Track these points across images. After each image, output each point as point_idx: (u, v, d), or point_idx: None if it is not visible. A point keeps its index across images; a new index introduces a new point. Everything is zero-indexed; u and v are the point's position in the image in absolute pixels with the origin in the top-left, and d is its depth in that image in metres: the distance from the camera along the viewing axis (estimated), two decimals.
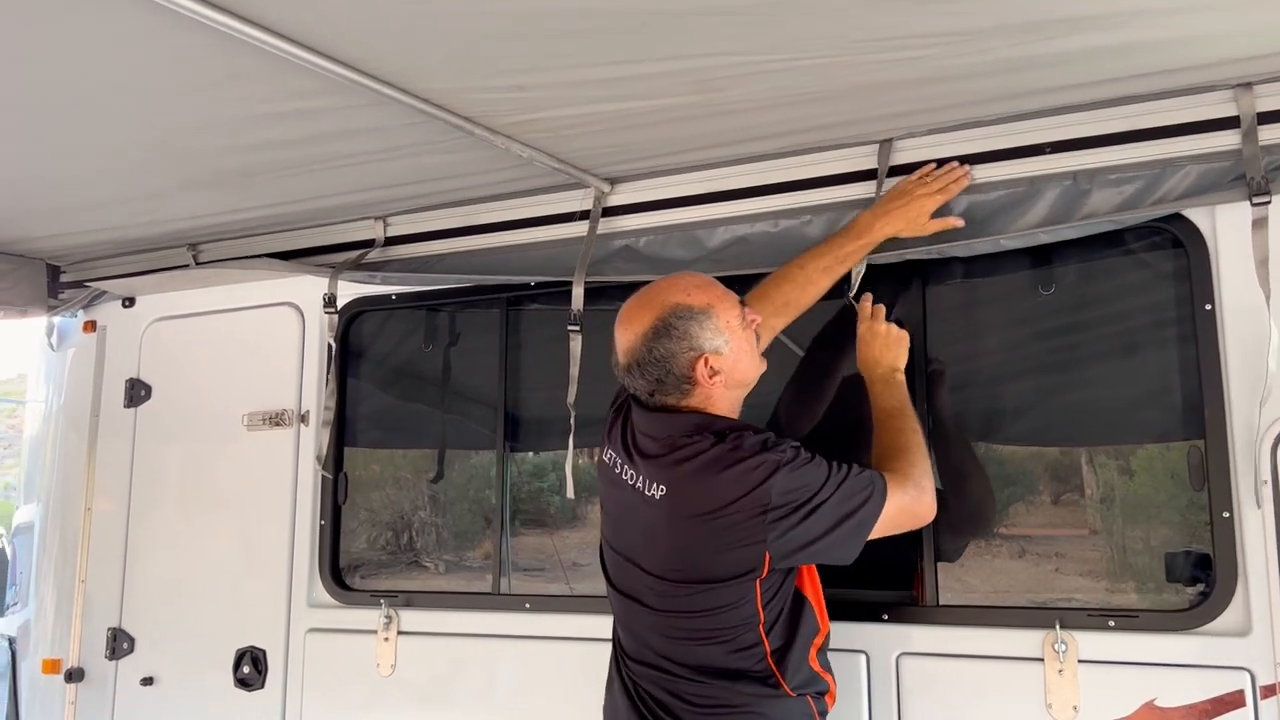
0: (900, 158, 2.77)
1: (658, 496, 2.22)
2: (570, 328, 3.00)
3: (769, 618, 2.20)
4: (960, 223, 2.63)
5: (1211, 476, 2.42)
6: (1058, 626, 2.47)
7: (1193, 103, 2.49)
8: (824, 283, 2.62)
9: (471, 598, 3.32)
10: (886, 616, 2.69)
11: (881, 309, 2.62)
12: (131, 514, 3.88)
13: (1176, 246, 2.55)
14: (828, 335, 2.87)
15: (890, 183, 2.74)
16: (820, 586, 2.34)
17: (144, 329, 3.98)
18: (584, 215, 3.13)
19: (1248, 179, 2.38)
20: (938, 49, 2.16)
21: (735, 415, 2.33)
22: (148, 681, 3.71)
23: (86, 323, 4.13)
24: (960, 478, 2.75)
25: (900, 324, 2.62)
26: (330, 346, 3.46)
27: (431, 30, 2.07)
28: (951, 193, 2.63)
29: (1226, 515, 2.39)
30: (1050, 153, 2.61)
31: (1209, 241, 2.48)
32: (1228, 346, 2.43)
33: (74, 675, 3.86)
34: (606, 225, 3.14)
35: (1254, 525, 2.35)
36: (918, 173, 2.67)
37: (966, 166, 2.64)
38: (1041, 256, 2.70)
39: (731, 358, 2.25)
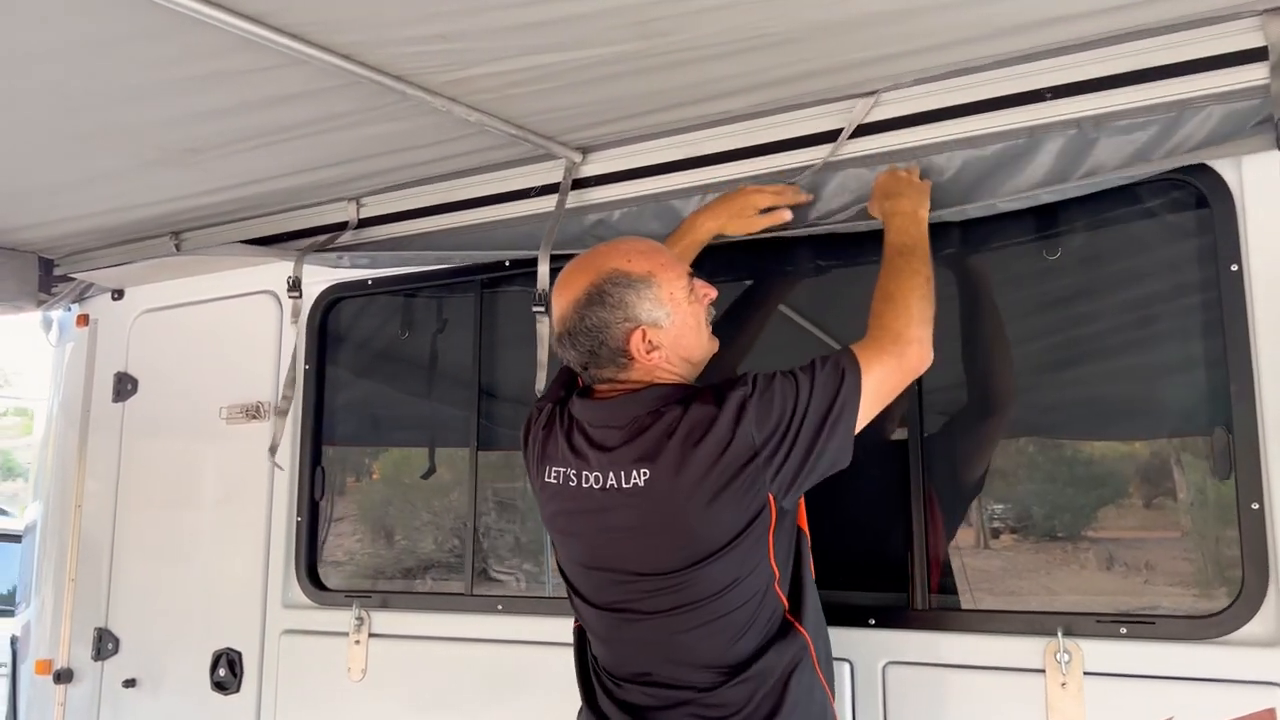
0: (884, 112, 2.50)
1: (641, 483, 1.97)
2: (535, 309, 2.78)
3: (783, 573, 2.01)
4: (789, 215, 2.50)
5: (1239, 462, 2.11)
6: (1060, 634, 2.17)
7: (1213, 33, 2.17)
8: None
9: (443, 599, 3.13)
10: (874, 621, 2.42)
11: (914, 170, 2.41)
12: (118, 512, 3.78)
13: (1201, 205, 2.23)
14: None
15: (860, 142, 2.49)
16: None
17: (132, 321, 3.88)
18: (555, 189, 2.91)
19: (1276, 121, 2.06)
20: None
21: None
22: (130, 683, 3.60)
23: (79, 316, 4.05)
24: (958, 473, 2.47)
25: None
26: (297, 333, 3.30)
27: None
28: (786, 198, 2.51)
29: (1256, 507, 2.08)
30: (1051, 98, 2.32)
31: (1235, 194, 2.16)
32: (1256, 313, 2.11)
33: (62, 676, 3.77)
34: (580, 198, 2.92)
35: None
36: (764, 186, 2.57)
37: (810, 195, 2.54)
38: (1046, 218, 2.40)
39: (673, 332, 2.04)
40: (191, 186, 3.13)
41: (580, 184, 2.92)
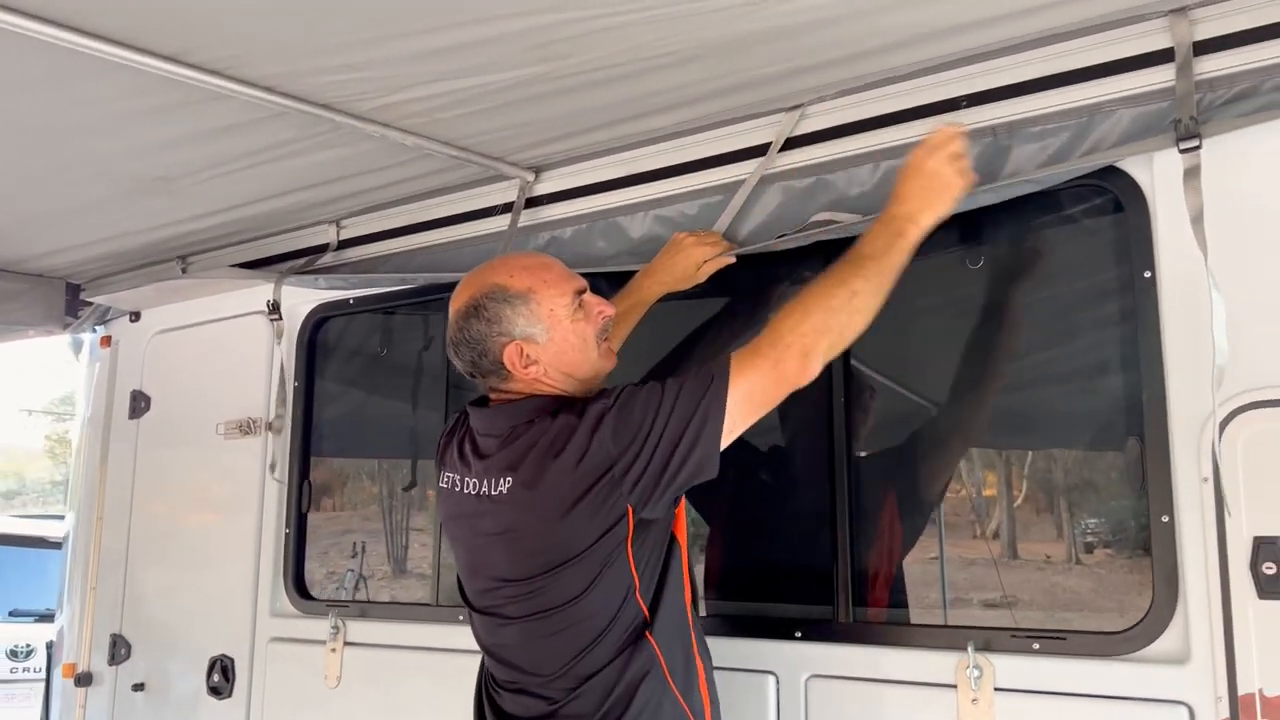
0: (811, 125, 2.50)
1: (505, 491, 2.01)
2: None
3: (646, 581, 1.98)
4: (733, 259, 2.50)
5: (1149, 474, 2.05)
6: (971, 650, 2.14)
7: (1122, 35, 2.13)
8: (626, 327, 2.55)
9: (412, 609, 3.22)
10: (799, 634, 2.41)
11: (957, 137, 2.04)
12: (133, 523, 3.96)
13: (1119, 211, 2.18)
14: None
15: (789, 155, 2.49)
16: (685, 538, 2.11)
17: (147, 342, 4.07)
18: (507, 208, 2.99)
19: (1177, 121, 2.01)
20: None
21: None
22: (139, 687, 3.77)
23: (103, 338, 4.27)
24: (889, 486, 2.46)
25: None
26: (283, 353, 3.43)
27: (233, 7, 1.97)
28: (717, 245, 2.52)
29: (1166, 520, 2.02)
30: (966, 106, 2.30)
31: (1149, 200, 2.11)
32: (1166, 321, 2.06)
33: (83, 680, 3.96)
34: (534, 216, 2.98)
35: (1193, 531, 1.97)
36: (696, 233, 2.58)
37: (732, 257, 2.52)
38: (970, 227, 2.37)
39: (552, 348, 2.06)
40: (178, 212, 3.29)
41: (535, 202, 2.98)
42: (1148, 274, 2.09)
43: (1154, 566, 2.03)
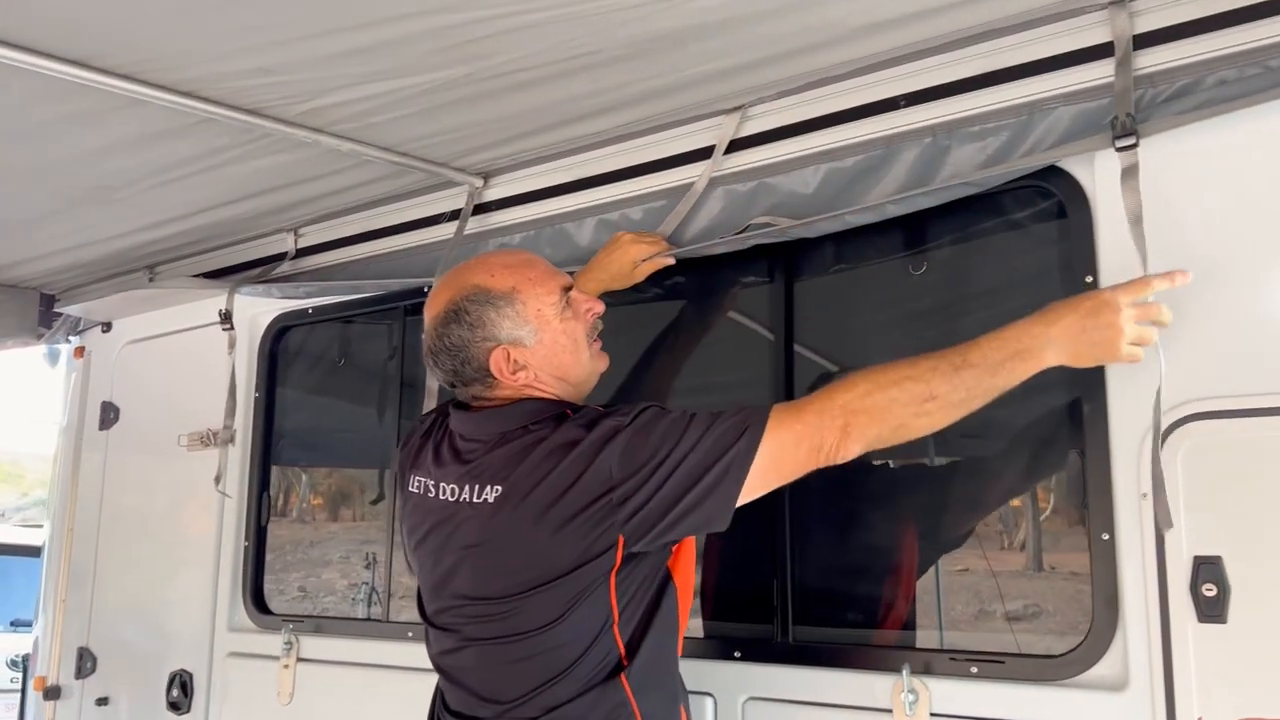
0: (755, 126, 2.42)
1: (491, 500, 1.85)
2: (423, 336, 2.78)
3: (626, 617, 1.82)
4: (671, 261, 2.42)
5: (1090, 489, 1.95)
6: (906, 673, 2.04)
7: (1060, 30, 2.04)
8: None
9: (362, 625, 3.15)
10: (739, 654, 2.32)
11: (1153, 305, 1.76)
12: (101, 534, 3.93)
13: (1063, 215, 2.09)
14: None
15: (732, 158, 2.41)
16: (693, 575, 1.97)
17: (118, 352, 4.04)
18: (454, 215, 2.93)
19: (1114, 119, 1.91)
20: None
21: None
22: (103, 701, 3.74)
23: (76, 348, 4.25)
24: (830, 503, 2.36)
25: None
26: (234, 363, 3.38)
27: (133, 10, 1.92)
28: (655, 245, 2.43)
29: (1106, 538, 1.92)
30: (905, 106, 2.21)
31: (1090, 203, 2.01)
32: None
33: (51, 693, 3.93)
34: (482, 223, 2.92)
35: (1132, 550, 1.87)
36: (637, 233, 2.51)
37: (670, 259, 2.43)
38: (915, 232, 2.29)
39: (541, 351, 1.92)
40: (132, 222, 3.25)
41: (485, 209, 2.92)
42: (1089, 279, 1.99)
43: (1094, 587, 1.93)
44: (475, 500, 1.88)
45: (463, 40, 2.06)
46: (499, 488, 1.85)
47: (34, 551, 8.78)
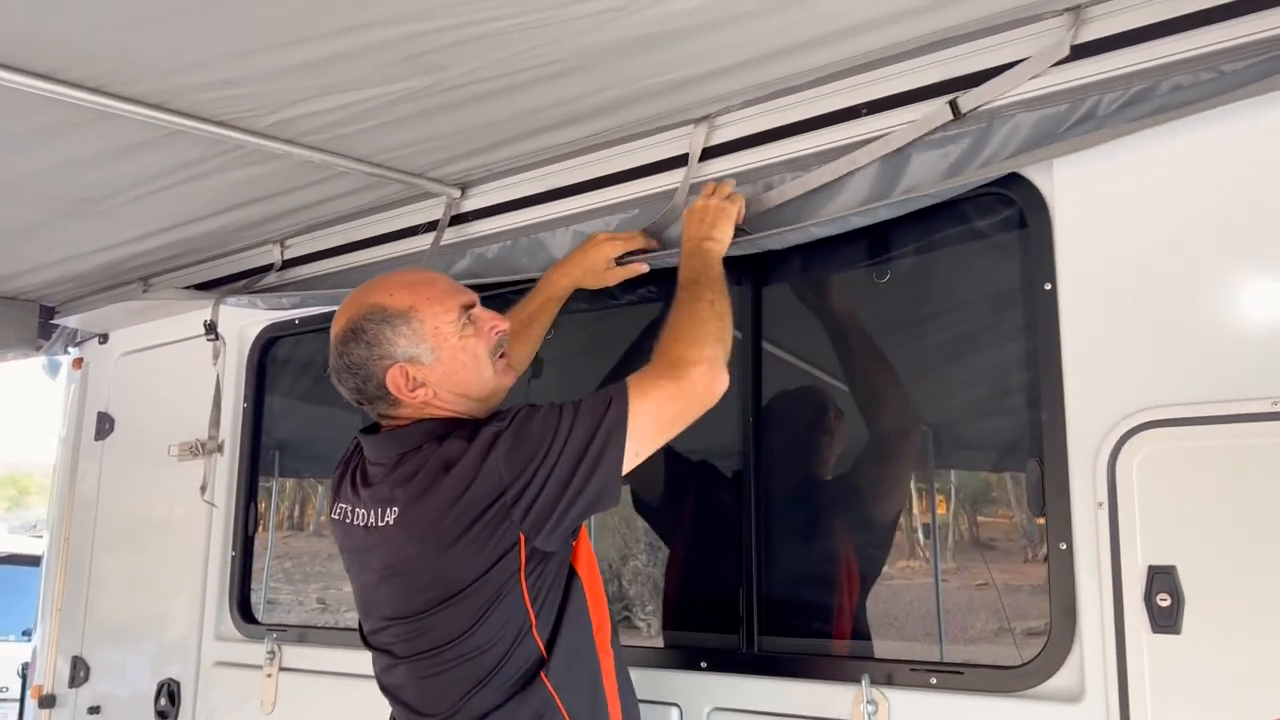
0: (726, 135, 2.42)
1: (391, 522, 1.90)
2: None
3: (544, 617, 1.86)
4: (645, 268, 2.38)
5: (1049, 498, 1.93)
6: (866, 683, 2.03)
7: (1018, 36, 2.03)
8: (541, 326, 2.47)
9: (346, 634, 3.15)
10: (705, 665, 2.31)
11: (708, 186, 2.30)
12: (95, 545, 3.96)
13: (1024, 223, 2.07)
14: None
15: (705, 165, 2.41)
16: (597, 568, 2.00)
17: (114, 363, 4.08)
18: (431, 226, 2.94)
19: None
20: None
21: None
22: (95, 710, 3.76)
23: (75, 360, 4.29)
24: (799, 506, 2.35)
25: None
26: (220, 373, 3.41)
27: (94, 22, 1.94)
28: (630, 243, 2.42)
29: (1064, 547, 1.90)
30: (866, 114, 2.20)
31: (1050, 209, 2.00)
32: (1065, 334, 1.94)
33: (45, 702, 3.96)
34: (459, 234, 2.93)
35: (1088, 559, 1.85)
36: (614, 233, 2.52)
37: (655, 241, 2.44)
38: (879, 241, 2.28)
39: (440, 369, 1.94)
40: (119, 234, 3.28)
41: (462, 219, 2.93)
42: (1048, 286, 1.98)
43: (1051, 597, 1.91)
44: (379, 524, 1.92)
45: (419, 51, 2.07)
46: (395, 509, 1.89)
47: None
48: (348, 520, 2.02)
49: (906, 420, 2.31)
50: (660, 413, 1.85)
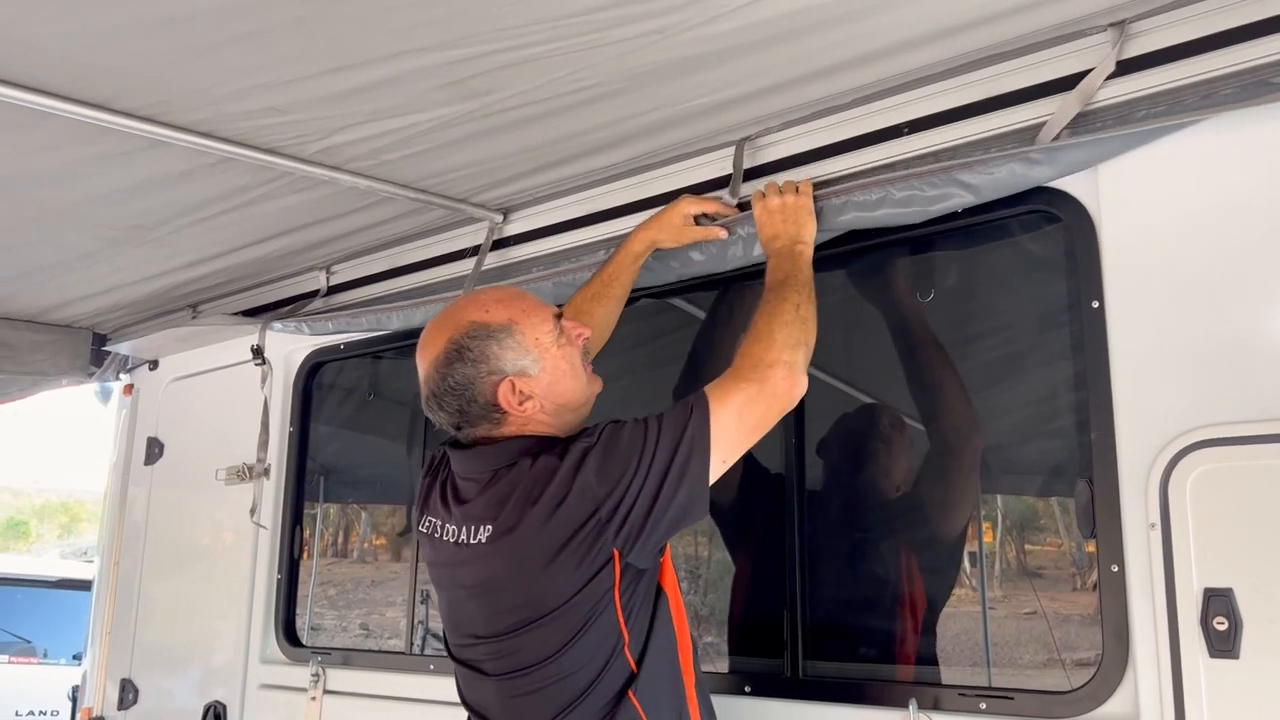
0: (760, 157, 2.42)
1: (484, 540, 1.88)
2: None
3: (635, 635, 1.83)
4: (724, 234, 2.33)
5: (1099, 520, 1.90)
6: (913, 708, 2.00)
7: (1063, 52, 2.01)
8: (620, 286, 2.40)
9: (389, 658, 3.17)
10: (749, 689, 2.29)
11: (774, 184, 2.25)
12: (144, 567, 4.02)
13: (1070, 240, 2.05)
14: None
15: (747, 187, 2.41)
16: (678, 589, 1.97)
17: (163, 389, 4.15)
18: (474, 251, 2.97)
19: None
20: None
21: None
22: None
23: (125, 386, 4.37)
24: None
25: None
26: (267, 397, 3.45)
27: (143, 53, 1.99)
28: (710, 206, 2.38)
29: (1116, 569, 1.86)
30: (908, 133, 2.19)
31: (1095, 223, 1.98)
32: (1115, 353, 1.91)
33: None
34: (502, 258, 2.95)
35: (1141, 582, 1.81)
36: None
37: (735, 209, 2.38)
38: (923, 258, 2.26)
39: (546, 379, 1.93)
40: (170, 261, 3.34)
41: (504, 244, 2.96)
42: (1095, 304, 1.95)
43: (1103, 621, 1.87)
44: (472, 541, 1.90)
45: (463, 76, 2.10)
46: (489, 527, 1.87)
47: None
48: (437, 535, 2.00)
49: (967, 429, 2.27)
50: (743, 417, 1.84)
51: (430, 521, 2.04)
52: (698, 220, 2.39)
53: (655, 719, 1.83)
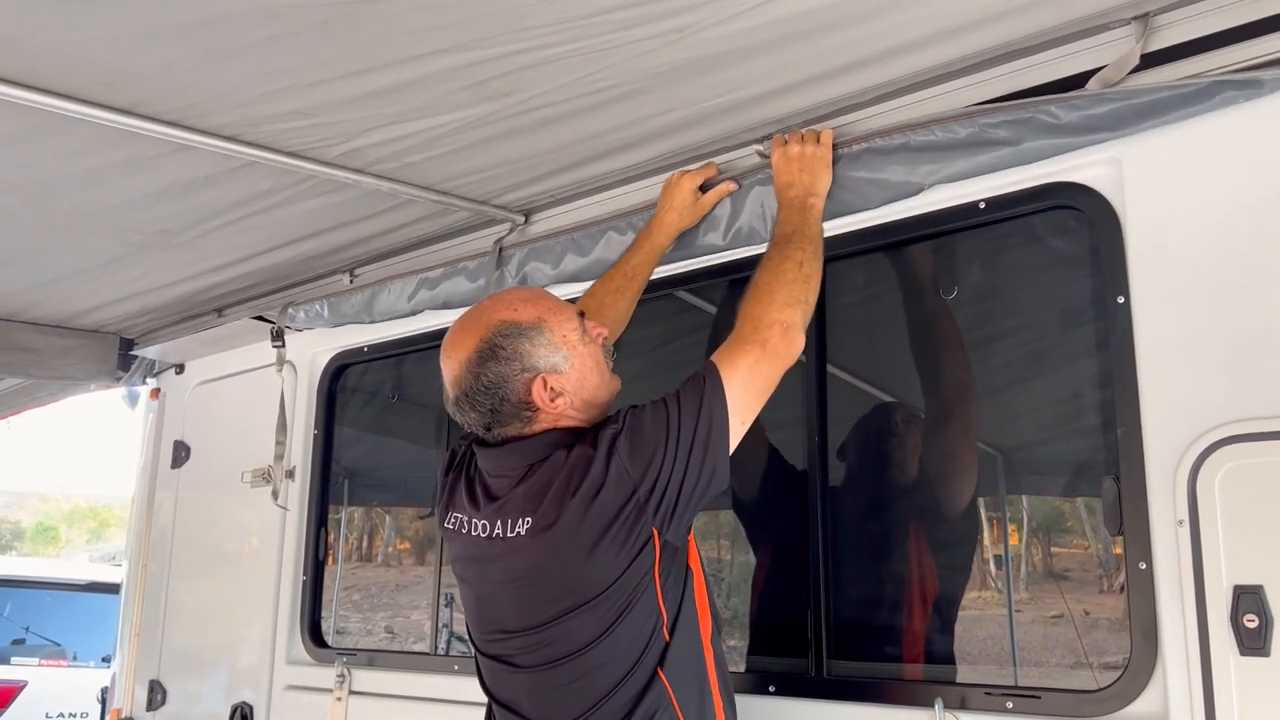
0: None
1: (523, 533, 1.88)
2: None
3: (669, 614, 1.86)
4: (734, 185, 2.38)
5: (1126, 517, 1.88)
6: (939, 707, 1.99)
7: (1084, 46, 2.00)
8: (642, 280, 2.43)
9: (414, 659, 3.18)
10: (773, 689, 2.28)
11: (796, 133, 2.27)
12: (171, 570, 4.05)
13: (1092, 234, 2.04)
14: None
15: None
16: (701, 569, 1.98)
17: (189, 393, 4.19)
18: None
19: None
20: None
21: None
22: None
23: (152, 390, 4.42)
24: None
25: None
26: (282, 381, 3.48)
27: (168, 57, 2.01)
28: (707, 172, 2.43)
29: (1144, 567, 1.85)
30: None
31: (1120, 218, 1.96)
32: (1141, 348, 1.89)
33: None
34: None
35: (1170, 579, 1.79)
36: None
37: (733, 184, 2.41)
38: (945, 254, 2.25)
39: (575, 376, 1.95)
40: (197, 265, 3.37)
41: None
42: (1121, 299, 1.93)
43: (1131, 618, 1.85)
44: (508, 535, 1.91)
45: (484, 78, 2.11)
46: (529, 519, 1.88)
47: None
48: (464, 530, 2.02)
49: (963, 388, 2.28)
50: (752, 379, 1.89)
51: (456, 518, 2.06)
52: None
53: (681, 696, 1.85)
